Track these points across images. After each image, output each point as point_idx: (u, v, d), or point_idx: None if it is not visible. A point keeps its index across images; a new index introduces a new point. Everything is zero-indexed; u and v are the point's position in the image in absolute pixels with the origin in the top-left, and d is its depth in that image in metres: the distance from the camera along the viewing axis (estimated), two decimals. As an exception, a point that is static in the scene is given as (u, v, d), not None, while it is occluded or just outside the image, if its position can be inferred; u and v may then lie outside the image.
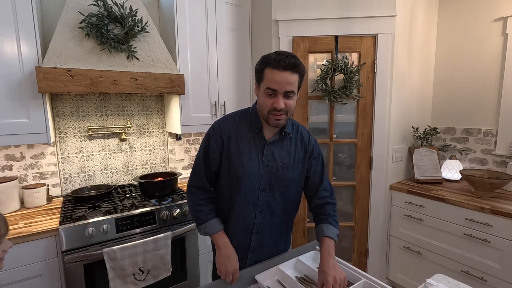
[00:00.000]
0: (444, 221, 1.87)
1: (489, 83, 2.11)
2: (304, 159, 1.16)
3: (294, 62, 0.95)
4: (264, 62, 0.99)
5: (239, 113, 1.14)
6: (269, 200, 1.11)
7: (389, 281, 2.28)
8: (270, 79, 0.96)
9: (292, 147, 1.13)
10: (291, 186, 1.14)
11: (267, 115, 1.01)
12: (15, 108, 1.46)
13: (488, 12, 2.08)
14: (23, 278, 1.34)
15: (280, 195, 1.13)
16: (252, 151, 1.08)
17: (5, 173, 1.70)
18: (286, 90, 0.96)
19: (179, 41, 1.86)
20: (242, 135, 1.09)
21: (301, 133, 1.17)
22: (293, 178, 1.13)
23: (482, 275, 1.70)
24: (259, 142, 1.09)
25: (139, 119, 2.12)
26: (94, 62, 1.57)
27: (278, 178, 1.10)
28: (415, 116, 2.32)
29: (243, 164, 1.06)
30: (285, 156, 1.11)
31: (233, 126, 1.10)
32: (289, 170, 1.11)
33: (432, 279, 1.07)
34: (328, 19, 1.96)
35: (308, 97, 2.05)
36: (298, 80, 1.00)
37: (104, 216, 1.51)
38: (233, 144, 1.08)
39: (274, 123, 1.01)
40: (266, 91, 0.98)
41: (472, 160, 2.23)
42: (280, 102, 0.97)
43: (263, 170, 1.08)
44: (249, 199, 1.09)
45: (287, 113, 1.02)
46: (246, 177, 1.07)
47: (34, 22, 1.45)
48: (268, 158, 1.08)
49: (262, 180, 1.09)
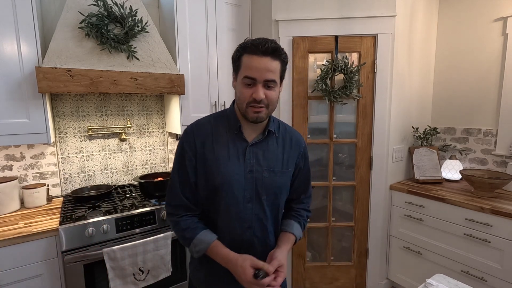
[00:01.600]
0: (444, 221, 1.87)
1: (489, 83, 2.11)
2: (293, 162, 1.03)
3: (275, 46, 0.85)
4: (241, 48, 0.88)
5: (215, 115, 1.02)
6: (258, 213, 0.96)
7: (389, 281, 2.28)
8: (248, 66, 0.85)
9: (280, 148, 1.00)
10: (281, 194, 1.00)
11: (245, 108, 0.89)
12: (15, 108, 1.46)
13: (488, 12, 2.08)
14: (23, 278, 1.34)
15: (269, 205, 0.97)
16: (232, 156, 0.93)
17: (5, 173, 1.70)
18: (266, 78, 0.85)
19: (179, 41, 1.86)
20: (219, 137, 0.95)
21: (290, 132, 1.05)
22: (283, 184, 0.99)
23: (482, 275, 1.70)
24: (240, 144, 0.95)
25: (139, 119, 2.12)
26: (94, 62, 1.57)
27: (265, 185, 0.95)
28: (415, 116, 2.32)
29: (220, 171, 0.91)
30: (271, 159, 0.96)
31: (208, 129, 0.96)
32: (277, 175, 0.97)
33: (432, 279, 1.07)
34: (328, 19, 1.96)
35: (308, 97, 2.05)
36: (280, 69, 0.89)
37: (104, 216, 1.51)
38: (208, 149, 0.93)
39: (253, 116, 0.89)
40: (244, 81, 0.87)
41: (472, 160, 2.23)
42: (260, 92, 0.85)
43: (246, 177, 0.93)
44: (233, 214, 0.93)
45: (268, 107, 0.89)
46: (227, 187, 0.91)
47: (34, 22, 1.45)
48: (251, 162, 0.94)
49: (247, 189, 0.93)
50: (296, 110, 2.05)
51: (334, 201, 2.18)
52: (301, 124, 2.07)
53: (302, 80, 2.03)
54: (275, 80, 0.87)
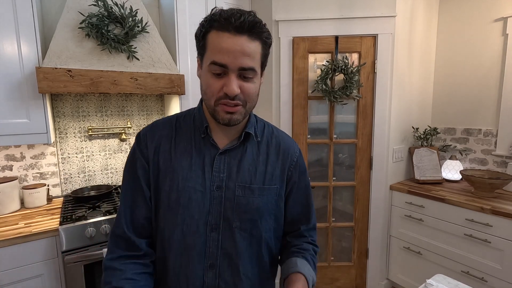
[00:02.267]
0: (444, 221, 1.87)
1: (489, 83, 2.11)
2: (283, 176, 0.77)
3: (253, 20, 0.62)
4: (207, 22, 0.63)
5: (180, 114, 0.79)
6: (227, 247, 0.70)
7: (390, 281, 2.28)
8: (217, 48, 0.62)
9: (261, 156, 0.75)
10: (262, 220, 0.73)
11: (213, 106, 0.66)
12: (15, 108, 1.46)
13: (488, 12, 2.08)
14: (23, 278, 1.34)
15: (244, 237, 0.72)
16: (194, 166, 0.70)
17: (5, 173, 1.70)
18: (242, 65, 0.62)
19: (179, 41, 1.86)
20: (179, 142, 0.73)
21: (278, 137, 0.80)
22: (264, 206, 0.73)
23: (483, 275, 1.70)
24: (207, 151, 0.72)
25: (139, 119, 2.12)
26: (94, 62, 1.57)
27: (238, 207, 0.70)
28: (415, 116, 2.32)
29: (177, 186, 0.69)
30: (249, 172, 0.72)
31: (166, 130, 0.74)
32: (255, 193, 0.72)
33: (432, 279, 1.07)
34: (328, 19, 1.96)
35: (308, 97, 2.05)
36: (261, 52, 0.65)
37: (104, 216, 1.51)
38: (163, 156, 0.71)
39: (225, 118, 0.66)
40: (211, 68, 0.63)
41: (472, 161, 2.23)
42: (233, 84, 0.62)
43: (212, 195, 0.69)
44: (189, 245, 0.69)
45: (245, 104, 0.67)
46: (183, 208, 0.68)
47: (35, 23, 1.45)
48: (220, 176, 0.70)
49: (212, 212, 0.69)
50: (296, 111, 2.05)
51: (334, 201, 2.18)
52: (301, 124, 2.07)
53: (302, 80, 2.03)
54: (254, 68, 0.64)
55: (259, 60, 0.66)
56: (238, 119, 0.68)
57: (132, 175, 0.72)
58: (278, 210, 0.78)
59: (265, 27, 0.65)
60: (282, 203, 0.79)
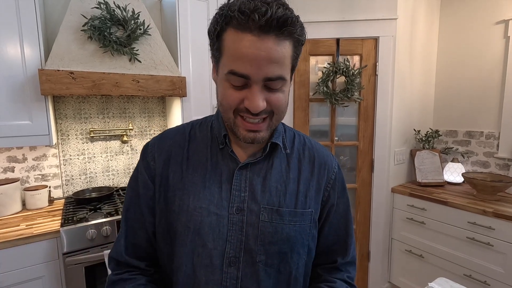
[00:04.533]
0: (447, 224, 1.86)
1: (491, 85, 2.10)
2: (318, 197, 0.63)
3: (283, 15, 0.47)
4: (222, 17, 0.49)
5: (196, 121, 0.68)
6: (247, 286, 0.57)
7: (391, 284, 2.26)
8: (235, 54, 0.49)
9: (292, 173, 0.62)
10: (293, 253, 0.60)
11: (233, 118, 0.54)
12: (17, 110, 1.46)
13: (490, 15, 2.08)
14: (24, 280, 1.34)
15: (269, 274, 0.58)
16: (209, 182, 0.59)
17: (7, 175, 1.71)
18: (268, 75, 0.49)
19: (181, 43, 1.87)
20: (193, 154, 0.61)
21: (311, 149, 0.67)
22: (295, 236, 0.59)
23: (485, 279, 1.68)
24: (225, 165, 0.60)
25: (141, 121, 2.12)
26: (96, 65, 1.58)
27: (263, 236, 0.57)
28: (416, 119, 2.32)
29: (187, 206, 0.57)
30: (277, 191, 0.59)
31: (178, 141, 0.63)
32: (285, 218, 0.58)
33: (434, 282, 1.06)
34: (330, 22, 1.96)
35: (310, 100, 2.06)
36: (292, 54, 0.52)
37: (105, 218, 1.51)
38: (173, 170, 0.60)
39: (247, 137, 0.54)
40: (230, 78, 0.51)
41: (474, 163, 2.22)
42: (257, 98, 0.50)
43: (230, 220, 0.57)
44: (200, 283, 0.56)
45: (271, 115, 0.55)
46: (193, 234, 0.56)
47: (38, 25, 1.46)
48: (240, 196, 0.58)
49: (230, 240, 0.56)
50: (298, 113, 2.05)
51: (335, 204, 2.17)
52: (302, 127, 2.07)
53: (304, 82, 2.03)
54: (283, 76, 0.51)
55: (289, 65, 0.53)
56: (264, 136, 0.56)
57: (134, 192, 0.63)
58: (312, 240, 0.63)
59: (299, 21, 0.50)
60: (316, 231, 0.64)
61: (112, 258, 0.63)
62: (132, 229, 0.62)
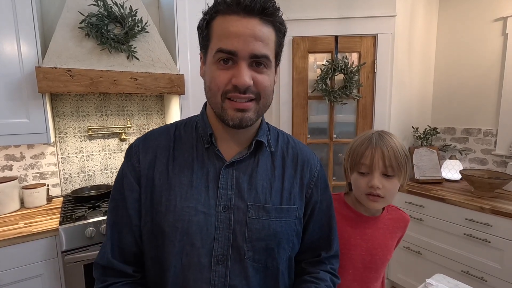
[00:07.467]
0: (444, 221, 1.87)
1: (489, 83, 2.11)
2: (301, 194, 0.65)
3: (266, 1, 0.53)
4: (211, 9, 0.56)
5: (180, 122, 0.70)
6: (236, 284, 0.57)
7: (389, 281, 2.28)
8: (223, 33, 0.53)
9: (278, 170, 0.64)
10: (280, 249, 0.61)
11: (221, 102, 0.56)
12: (15, 108, 1.45)
13: (488, 12, 2.08)
14: (22, 278, 1.34)
15: (257, 270, 0.59)
16: (196, 182, 0.59)
17: (5, 173, 1.70)
18: (254, 51, 0.53)
19: (179, 41, 1.86)
20: (179, 154, 0.62)
21: (294, 147, 0.69)
22: (281, 231, 0.61)
23: (482, 275, 1.70)
24: (211, 164, 0.61)
25: (139, 119, 2.12)
26: (94, 62, 1.57)
27: (251, 233, 0.58)
28: (415, 116, 2.32)
29: (174, 206, 0.57)
30: (263, 188, 0.61)
31: (163, 141, 0.64)
32: (272, 215, 0.60)
33: (432, 279, 1.07)
34: (328, 19, 1.96)
35: (308, 97, 2.05)
36: (275, 40, 0.57)
37: (104, 216, 1.51)
38: (159, 171, 0.60)
39: (235, 117, 0.56)
40: (218, 56, 0.54)
41: (472, 160, 2.23)
42: (244, 73, 0.53)
43: (218, 218, 0.58)
44: (189, 282, 0.56)
45: (258, 98, 0.56)
46: (181, 234, 0.56)
47: (34, 22, 1.45)
48: (227, 194, 0.59)
49: (218, 239, 0.57)
50: (296, 110, 2.05)
51: (334, 201, 2.18)
52: (301, 124, 2.07)
53: (302, 80, 2.03)
54: (268, 55, 0.55)
55: (273, 49, 0.57)
56: (251, 118, 0.57)
57: (118, 195, 0.62)
58: (297, 235, 0.65)
59: (279, 11, 0.56)
60: (301, 227, 0.66)
61: (98, 265, 0.61)
62: (118, 233, 0.61)
